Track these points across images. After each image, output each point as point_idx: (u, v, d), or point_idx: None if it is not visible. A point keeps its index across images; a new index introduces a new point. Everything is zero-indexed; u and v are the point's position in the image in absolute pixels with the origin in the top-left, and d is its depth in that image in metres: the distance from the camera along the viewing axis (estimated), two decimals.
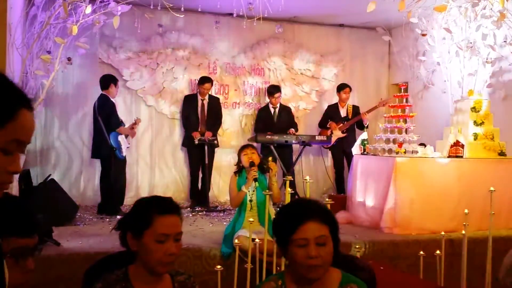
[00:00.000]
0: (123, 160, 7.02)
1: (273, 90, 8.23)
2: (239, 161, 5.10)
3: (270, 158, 5.07)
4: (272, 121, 8.21)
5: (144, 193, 8.07)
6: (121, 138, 6.89)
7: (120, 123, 7.03)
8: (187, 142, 7.92)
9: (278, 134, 7.76)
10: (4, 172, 1.16)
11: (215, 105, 8.06)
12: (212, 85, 8.00)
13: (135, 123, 7.33)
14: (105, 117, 6.78)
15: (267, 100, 8.41)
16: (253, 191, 4.96)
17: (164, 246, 1.97)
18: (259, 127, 8.27)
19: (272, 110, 8.27)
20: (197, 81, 8.11)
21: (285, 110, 8.39)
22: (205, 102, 7.94)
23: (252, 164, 4.94)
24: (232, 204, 5.24)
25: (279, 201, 5.21)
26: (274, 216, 4.58)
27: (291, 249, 2.01)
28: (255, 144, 6.83)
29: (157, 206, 2.04)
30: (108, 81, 7.01)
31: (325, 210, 2.11)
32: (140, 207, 2.09)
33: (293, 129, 8.07)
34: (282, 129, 8.08)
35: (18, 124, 1.15)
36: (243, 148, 5.16)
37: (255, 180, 4.89)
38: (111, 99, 6.95)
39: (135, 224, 2.03)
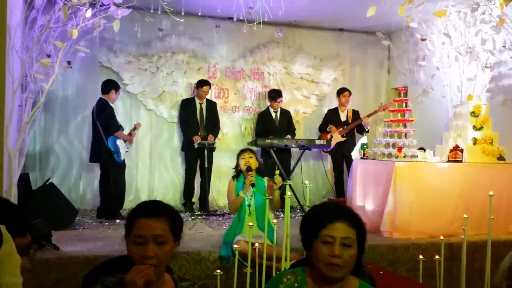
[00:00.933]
0: (122, 164, 7.01)
1: (275, 95, 8.26)
2: (237, 164, 5.12)
3: (277, 172, 5.05)
4: (273, 125, 8.23)
5: (144, 197, 8.08)
6: (119, 142, 6.89)
7: (120, 127, 7.04)
8: (186, 147, 7.91)
9: (279, 138, 7.77)
10: None
11: (213, 109, 8.08)
12: (210, 87, 8.03)
13: (135, 127, 7.33)
14: (103, 122, 6.78)
15: (267, 104, 8.43)
16: (251, 196, 4.97)
17: (142, 249, 1.97)
18: (260, 131, 8.28)
19: (273, 114, 8.30)
20: (195, 85, 8.14)
21: (286, 114, 8.42)
22: (203, 106, 7.95)
23: (249, 169, 4.96)
24: (231, 209, 5.25)
25: (277, 208, 5.24)
26: (273, 221, 4.62)
27: (316, 244, 2.05)
28: (255, 148, 6.83)
29: (138, 210, 2.08)
30: (109, 86, 7.03)
31: (357, 217, 2.15)
32: (129, 213, 2.13)
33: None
34: (283, 133, 8.11)
35: None
36: (241, 152, 5.18)
37: (252, 185, 4.90)
38: (110, 104, 6.95)
39: (125, 228, 2.08)
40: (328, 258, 2.01)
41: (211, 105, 8.10)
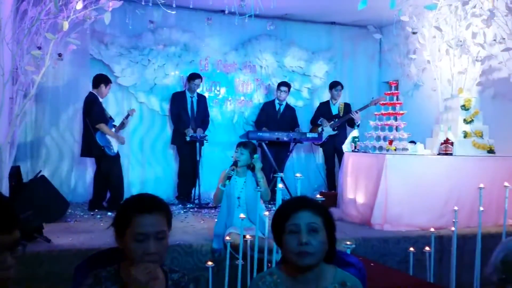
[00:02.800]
0: (115, 156, 6.97)
1: (280, 84, 8.36)
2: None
3: (256, 156, 5.06)
4: (275, 116, 8.25)
5: (135, 189, 8.08)
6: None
7: (109, 119, 6.99)
8: (177, 140, 7.90)
9: (280, 130, 7.77)
10: None
11: (203, 103, 8.09)
12: (202, 81, 8.03)
13: (128, 115, 7.26)
14: (91, 117, 6.76)
15: (274, 96, 8.53)
16: (242, 188, 4.99)
17: (144, 245, 1.94)
18: (261, 120, 8.34)
19: (277, 105, 8.33)
20: (186, 78, 8.13)
21: (290, 110, 8.47)
22: (194, 99, 7.95)
23: (234, 163, 5.00)
24: (213, 200, 5.29)
25: (267, 198, 5.24)
26: (265, 213, 4.64)
27: (285, 237, 2.07)
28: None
29: (136, 205, 2.02)
30: (98, 81, 6.97)
31: (320, 205, 2.19)
32: (122, 207, 2.07)
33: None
34: (285, 126, 8.11)
35: None
36: (237, 145, 5.19)
37: (228, 178, 4.92)
38: (99, 99, 6.91)
39: (118, 224, 2.03)
40: (296, 247, 2.03)
41: (202, 99, 8.10)
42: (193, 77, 7.90)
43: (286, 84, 8.35)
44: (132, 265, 1.94)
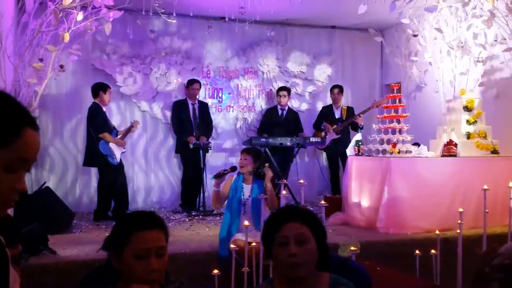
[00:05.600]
0: (118, 166, 6.98)
1: (279, 89, 8.41)
2: None
3: (267, 164, 5.06)
4: (279, 122, 8.26)
5: (140, 198, 8.11)
6: (112, 144, 6.87)
7: (113, 129, 7.00)
8: (180, 148, 7.90)
9: (284, 135, 7.76)
10: (10, 190, 1.16)
11: (205, 110, 8.09)
12: (200, 86, 8.04)
13: (132, 126, 7.25)
14: (95, 127, 6.78)
15: (275, 101, 8.58)
16: (249, 196, 4.98)
17: (145, 262, 1.88)
18: (263, 126, 8.33)
19: (280, 111, 8.34)
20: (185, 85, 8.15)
21: (293, 114, 8.49)
22: (196, 106, 7.96)
23: (233, 168, 5.08)
24: (212, 203, 5.35)
25: (275, 207, 5.19)
26: None
27: (274, 249, 2.08)
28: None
29: (135, 222, 1.96)
30: (97, 89, 6.98)
31: (309, 214, 2.18)
32: (118, 225, 2.03)
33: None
34: (289, 131, 8.12)
35: (22, 142, 1.18)
36: (242, 151, 5.20)
37: (215, 176, 5.01)
38: (102, 108, 6.93)
39: (115, 243, 1.98)
40: (286, 259, 2.02)
41: (204, 106, 8.11)
42: (191, 82, 7.93)
43: (285, 89, 8.38)
44: (130, 284, 1.88)
